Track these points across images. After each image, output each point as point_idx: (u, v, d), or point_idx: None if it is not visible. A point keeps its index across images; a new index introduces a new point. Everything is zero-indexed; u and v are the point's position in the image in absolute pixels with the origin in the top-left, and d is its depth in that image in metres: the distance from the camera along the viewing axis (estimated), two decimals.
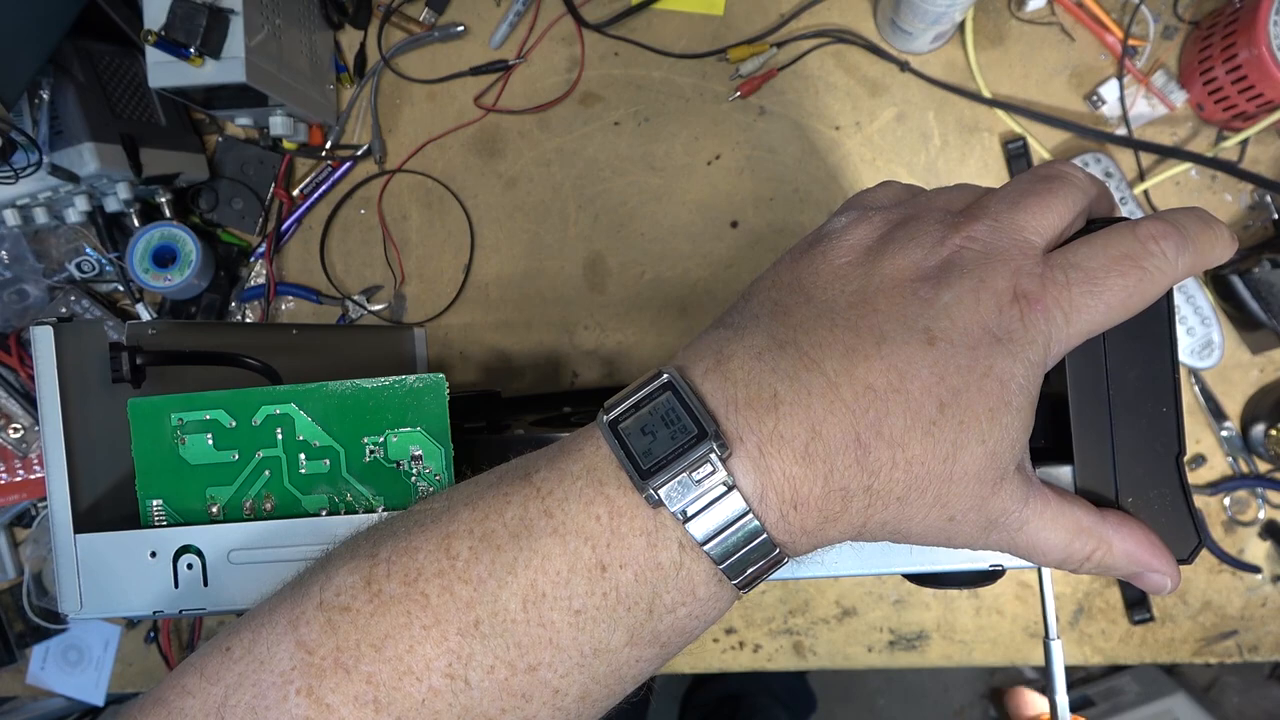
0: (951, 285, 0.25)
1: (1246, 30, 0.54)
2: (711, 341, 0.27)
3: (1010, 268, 0.25)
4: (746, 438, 0.24)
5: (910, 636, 0.63)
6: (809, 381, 0.24)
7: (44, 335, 0.33)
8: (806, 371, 0.24)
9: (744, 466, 0.24)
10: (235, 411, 0.33)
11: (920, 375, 0.24)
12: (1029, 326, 0.24)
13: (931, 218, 0.27)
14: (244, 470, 0.33)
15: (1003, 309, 0.24)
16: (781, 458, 0.24)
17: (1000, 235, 0.26)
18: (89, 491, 0.34)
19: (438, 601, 0.24)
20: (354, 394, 0.32)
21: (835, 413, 0.24)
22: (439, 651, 0.24)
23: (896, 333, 0.24)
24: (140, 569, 0.32)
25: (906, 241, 0.26)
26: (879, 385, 0.24)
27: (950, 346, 0.24)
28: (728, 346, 0.26)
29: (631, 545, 0.24)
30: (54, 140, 0.55)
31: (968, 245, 0.25)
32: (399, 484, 0.32)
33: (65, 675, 0.67)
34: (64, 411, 0.33)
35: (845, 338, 0.25)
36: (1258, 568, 0.61)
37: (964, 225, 0.26)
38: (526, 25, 0.64)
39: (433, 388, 0.32)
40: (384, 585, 0.25)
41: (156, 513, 0.33)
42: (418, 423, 0.32)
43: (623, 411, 0.25)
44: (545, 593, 0.24)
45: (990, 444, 0.24)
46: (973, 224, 0.26)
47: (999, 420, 0.24)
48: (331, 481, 0.33)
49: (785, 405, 0.24)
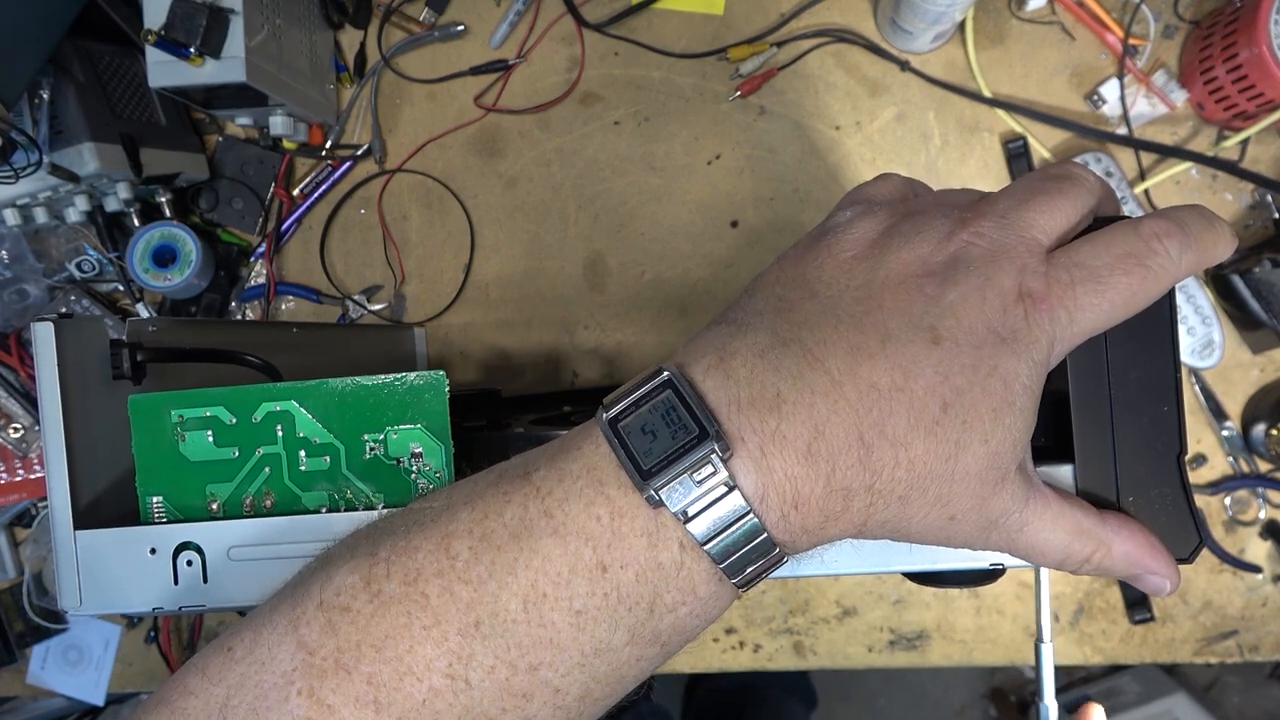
0: (957, 283, 0.25)
1: (1247, 29, 0.54)
2: (713, 338, 0.26)
3: (1016, 265, 0.25)
4: (748, 437, 0.24)
5: (910, 636, 0.63)
6: (813, 380, 0.24)
7: (45, 332, 0.33)
8: (810, 370, 0.24)
9: (745, 467, 0.24)
10: (235, 408, 0.33)
11: (925, 374, 0.24)
12: (1033, 326, 0.24)
13: (938, 213, 0.27)
14: (244, 467, 0.33)
15: (1008, 308, 0.24)
16: (784, 458, 0.24)
17: (1007, 232, 0.25)
18: (89, 488, 0.34)
19: (438, 602, 0.24)
20: (354, 391, 0.32)
21: (839, 412, 0.24)
22: (439, 652, 0.24)
23: (902, 331, 0.24)
24: (140, 566, 0.32)
25: (912, 235, 0.26)
26: (883, 384, 0.24)
27: (955, 346, 0.24)
28: (730, 343, 0.26)
29: (632, 545, 0.24)
30: (54, 140, 0.55)
31: (974, 241, 0.25)
32: (399, 481, 0.32)
33: (65, 675, 0.67)
34: (64, 408, 0.33)
35: (850, 335, 0.25)
36: (1258, 567, 0.61)
37: (971, 221, 0.26)
38: (526, 25, 0.64)
39: (433, 385, 0.32)
40: (384, 585, 0.25)
41: (156, 509, 0.33)
42: (418, 420, 0.32)
43: (623, 409, 0.25)
44: (546, 593, 0.24)
45: (993, 444, 0.24)
46: (980, 220, 0.26)
47: (1002, 420, 0.24)
48: (331, 478, 0.33)
49: (788, 404, 0.24)
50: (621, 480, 0.25)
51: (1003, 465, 0.25)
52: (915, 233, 0.26)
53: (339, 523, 0.31)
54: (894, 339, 0.24)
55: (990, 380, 0.24)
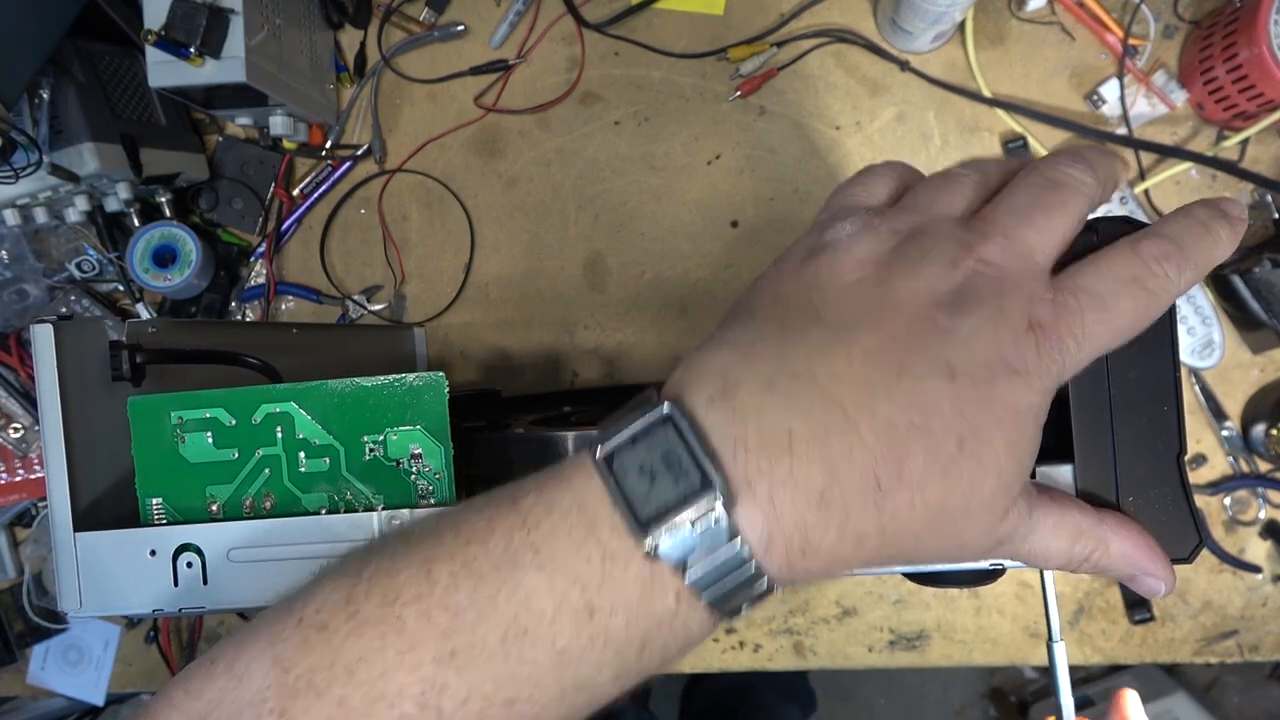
0: (969, 315, 0.24)
1: (1247, 29, 0.54)
2: (716, 363, 0.25)
3: (1024, 294, 0.25)
4: (756, 483, 0.23)
5: (910, 636, 0.63)
6: (826, 419, 0.23)
7: (44, 333, 0.33)
8: (824, 407, 0.23)
9: (752, 515, 0.23)
10: (235, 410, 0.33)
11: (942, 411, 0.23)
12: (1044, 356, 0.24)
13: (940, 231, 0.26)
14: (244, 468, 0.33)
15: (1019, 339, 0.24)
16: (795, 504, 0.23)
17: (1011, 258, 0.25)
18: (89, 490, 0.34)
19: (414, 626, 0.24)
20: (354, 392, 0.32)
21: (855, 453, 0.23)
22: (412, 679, 0.23)
23: (916, 365, 0.23)
24: (140, 567, 0.32)
25: (918, 262, 0.25)
26: (900, 422, 0.23)
27: (971, 381, 0.23)
28: (733, 370, 0.24)
29: (624, 591, 0.23)
30: (54, 140, 0.55)
31: (981, 270, 0.25)
32: (399, 482, 0.32)
33: (65, 675, 0.67)
34: (64, 409, 0.33)
35: (863, 370, 0.23)
36: (1258, 567, 0.61)
37: (976, 245, 0.25)
38: (526, 25, 0.64)
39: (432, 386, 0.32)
40: (362, 605, 0.24)
41: (156, 511, 0.33)
42: (418, 421, 0.32)
43: (619, 445, 0.24)
44: (528, 629, 0.23)
45: (1005, 476, 0.24)
46: (984, 244, 0.25)
47: (1014, 452, 0.24)
48: (331, 480, 0.33)
49: (801, 445, 0.23)
50: (615, 523, 0.23)
51: (1012, 493, 0.25)
52: (921, 258, 0.25)
53: (338, 524, 0.31)
54: (909, 374, 0.23)
55: (1005, 414, 0.24)
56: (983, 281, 0.25)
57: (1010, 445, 0.24)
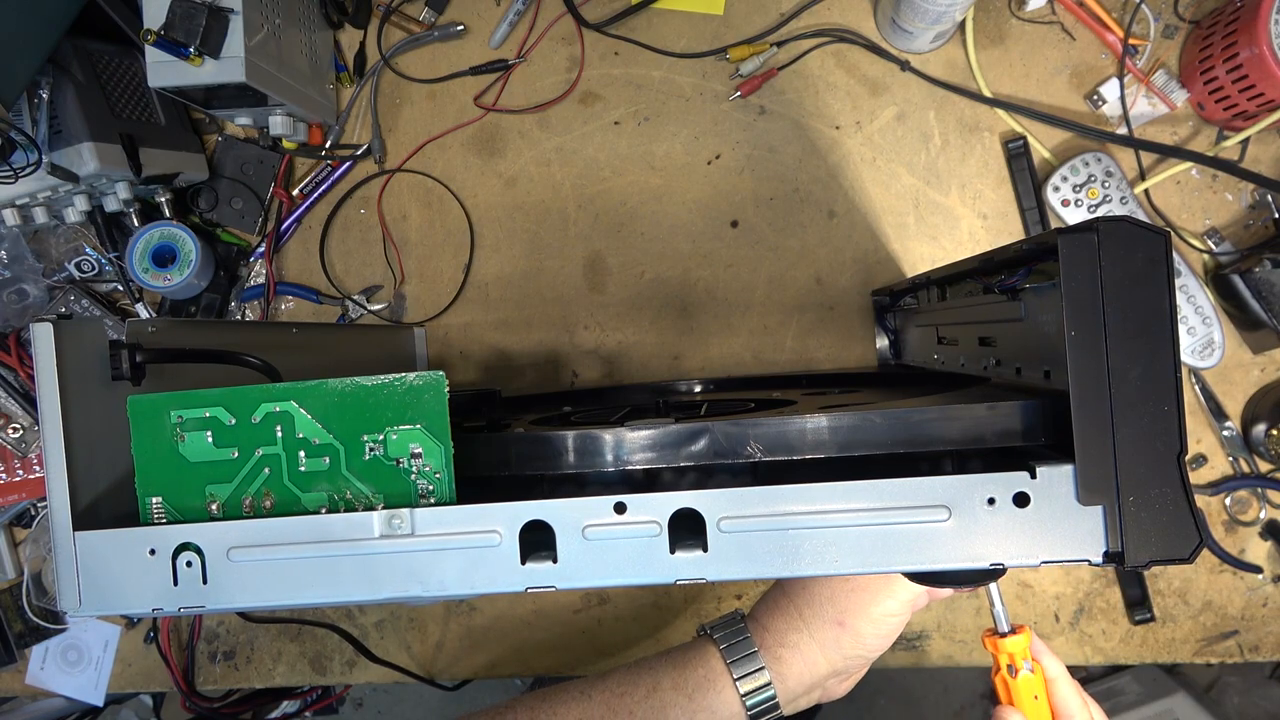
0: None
1: (1247, 29, 0.54)
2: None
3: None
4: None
5: (910, 636, 0.63)
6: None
7: (44, 332, 0.32)
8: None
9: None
10: (235, 409, 0.33)
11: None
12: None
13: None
14: (243, 468, 0.33)
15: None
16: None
17: None
18: (88, 489, 0.34)
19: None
20: (354, 391, 0.32)
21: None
22: None
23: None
24: (139, 566, 0.32)
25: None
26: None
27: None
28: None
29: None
30: (53, 140, 0.55)
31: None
32: (399, 482, 0.32)
33: (65, 675, 0.67)
34: (64, 408, 0.33)
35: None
36: (1258, 568, 0.61)
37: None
38: (526, 25, 0.64)
39: (432, 385, 0.32)
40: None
41: (156, 510, 0.33)
42: (417, 420, 0.32)
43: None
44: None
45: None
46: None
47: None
48: (331, 479, 0.32)
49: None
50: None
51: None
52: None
53: (338, 523, 0.31)
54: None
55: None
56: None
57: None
